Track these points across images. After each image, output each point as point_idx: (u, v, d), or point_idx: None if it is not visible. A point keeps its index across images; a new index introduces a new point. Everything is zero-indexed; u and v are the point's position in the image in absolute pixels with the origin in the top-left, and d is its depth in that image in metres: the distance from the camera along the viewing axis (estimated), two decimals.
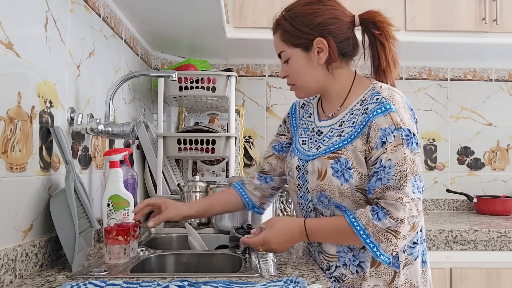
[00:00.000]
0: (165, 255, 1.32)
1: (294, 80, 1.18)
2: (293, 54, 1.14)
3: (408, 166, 1.01)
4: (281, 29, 1.15)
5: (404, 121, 1.03)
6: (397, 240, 1.00)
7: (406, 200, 1.00)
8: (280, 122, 1.37)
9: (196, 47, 2.26)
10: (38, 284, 0.93)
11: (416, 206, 1.01)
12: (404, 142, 1.02)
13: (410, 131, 1.03)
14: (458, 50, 2.28)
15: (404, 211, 0.99)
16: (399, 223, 0.99)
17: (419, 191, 1.02)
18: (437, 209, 2.49)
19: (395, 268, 1.08)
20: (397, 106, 1.04)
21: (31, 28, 1.05)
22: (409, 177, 1.00)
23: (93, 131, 1.30)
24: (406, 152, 1.01)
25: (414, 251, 1.10)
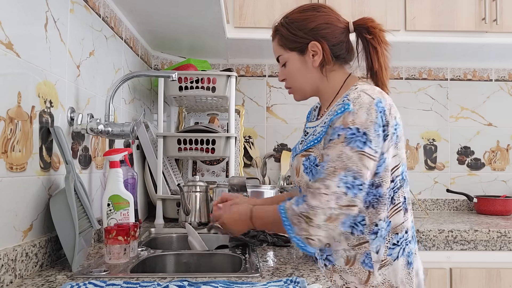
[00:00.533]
0: (165, 255, 1.32)
1: (291, 83, 1.25)
2: (290, 57, 1.21)
3: (340, 162, 1.03)
4: (279, 35, 1.23)
5: (356, 121, 1.05)
6: (308, 226, 1.02)
7: (324, 192, 1.02)
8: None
9: (196, 47, 2.26)
10: (38, 284, 0.93)
11: (336, 200, 1.02)
12: (345, 141, 1.04)
13: (358, 130, 1.04)
14: (458, 50, 2.28)
15: (319, 200, 1.02)
16: (311, 210, 1.02)
17: (347, 186, 1.02)
18: (437, 209, 2.49)
19: (369, 268, 1.09)
20: (357, 107, 1.06)
21: (31, 28, 1.05)
22: (338, 172, 1.03)
23: (93, 131, 1.30)
24: (344, 149, 1.04)
25: (394, 252, 1.11)
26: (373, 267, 1.09)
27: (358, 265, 1.10)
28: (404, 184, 1.14)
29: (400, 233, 1.11)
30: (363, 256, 1.09)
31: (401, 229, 1.12)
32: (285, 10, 2.04)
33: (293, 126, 2.47)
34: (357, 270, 1.10)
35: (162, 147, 1.90)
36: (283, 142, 2.47)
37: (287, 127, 2.47)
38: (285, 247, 1.37)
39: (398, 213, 1.12)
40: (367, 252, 1.09)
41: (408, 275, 1.13)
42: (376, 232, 1.09)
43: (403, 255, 1.12)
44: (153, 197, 2.00)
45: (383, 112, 1.08)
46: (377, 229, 1.09)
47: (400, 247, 1.12)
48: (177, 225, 1.81)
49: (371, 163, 1.05)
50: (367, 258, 1.10)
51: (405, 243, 1.13)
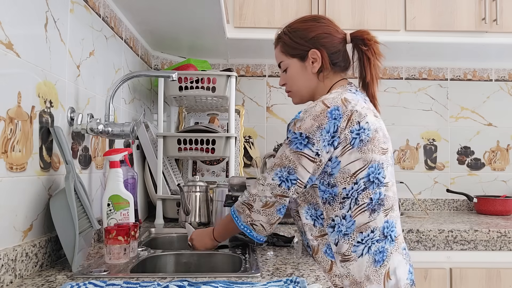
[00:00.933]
0: (165, 255, 1.32)
1: (290, 87, 1.36)
2: (291, 63, 1.32)
3: (279, 160, 1.19)
4: (281, 42, 1.33)
5: (302, 127, 1.18)
6: (251, 212, 1.20)
7: (261, 182, 1.20)
8: None
9: (196, 47, 2.26)
10: (38, 284, 0.93)
11: (271, 189, 1.18)
12: (288, 143, 1.20)
13: (301, 135, 1.17)
14: (458, 50, 2.28)
15: (257, 189, 1.20)
16: (251, 197, 1.20)
17: (280, 179, 1.18)
18: (437, 209, 2.49)
19: (331, 258, 1.20)
20: (307, 115, 1.18)
21: (31, 28, 1.05)
22: (275, 168, 1.19)
23: (93, 131, 1.30)
24: (285, 150, 1.19)
25: (358, 249, 1.18)
26: (335, 258, 1.20)
27: (321, 254, 1.21)
28: (370, 186, 1.18)
29: (364, 232, 1.18)
30: (325, 247, 1.21)
31: (366, 228, 1.18)
32: (285, 10, 2.06)
33: None
34: (321, 259, 1.21)
35: (162, 147, 1.90)
36: None
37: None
38: (285, 247, 1.38)
39: (362, 214, 1.18)
40: (327, 243, 1.20)
41: (375, 273, 1.17)
42: (333, 226, 1.20)
43: (369, 253, 1.18)
44: (153, 197, 2.00)
45: (338, 118, 1.16)
46: (334, 224, 1.20)
47: (365, 245, 1.18)
48: (177, 225, 1.81)
49: (309, 163, 1.17)
50: (328, 249, 1.21)
51: (371, 242, 1.19)
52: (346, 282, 1.17)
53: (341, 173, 1.17)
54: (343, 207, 1.18)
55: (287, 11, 2.07)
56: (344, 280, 1.18)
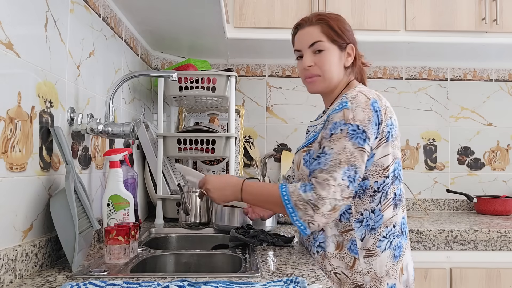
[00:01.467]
0: (165, 255, 1.32)
1: (321, 71, 1.27)
2: (330, 48, 1.26)
3: (344, 156, 1.12)
4: (325, 24, 1.27)
5: (356, 119, 1.14)
6: (314, 213, 1.11)
7: (332, 183, 1.11)
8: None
9: (196, 47, 2.26)
10: (38, 284, 0.93)
11: (341, 192, 1.11)
12: (348, 136, 1.14)
13: (359, 127, 1.14)
14: (458, 50, 2.28)
15: (328, 191, 1.10)
16: (320, 200, 1.10)
17: (349, 180, 1.12)
18: (437, 209, 2.49)
19: (354, 254, 1.18)
20: (355, 105, 1.16)
21: (31, 28, 1.05)
22: (343, 165, 1.12)
23: (93, 131, 1.30)
24: (347, 144, 1.13)
25: (382, 244, 1.19)
26: (358, 254, 1.18)
27: (345, 250, 1.19)
28: (395, 181, 1.22)
29: (388, 226, 1.20)
30: (349, 243, 1.19)
31: (390, 223, 1.20)
32: (285, 10, 2.06)
33: (293, 126, 2.47)
34: (344, 255, 1.19)
35: (162, 147, 1.90)
36: (283, 142, 2.47)
37: (287, 127, 2.47)
38: (285, 247, 1.37)
39: (388, 208, 1.20)
40: (352, 239, 1.19)
41: (393, 268, 1.19)
42: (361, 221, 1.19)
43: (390, 248, 1.20)
44: (153, 197, 2.00)
45: (379, 111, 1.17)
46: (362, 218, 1.19)
47: (388, 240, 1.20)
48: (177, 225, 1.81)
49: (365, 158, 1.15)
50: (353, 245, 1.19)
51: (392, 236, 1.21)
52: (367, 278, 1.17)
53: (374, 166, 1.18)
54: (373, 201, 1.19)
55: (287, 11, 2.07)
56: (365, 277, 1.17)
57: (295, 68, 2.47)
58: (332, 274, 1.20)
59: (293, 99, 2.47)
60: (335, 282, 1.19)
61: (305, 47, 1.28)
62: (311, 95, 1.39)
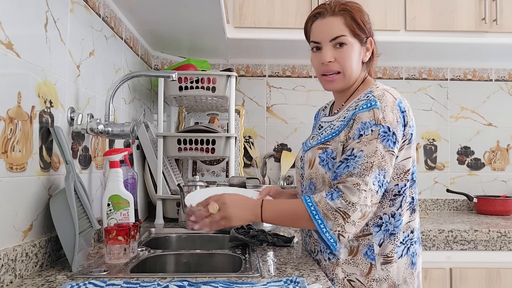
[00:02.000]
0: (165, 255, 1.32)
1: (343, 67, 1.17)
2: (352, 42, 1.17)
3: (376, 159, 1.05)
4: (349, 15, 1.16)
5: (386, 119, 1.07)
6: (345, 222, 1.02)
7: (363, 188, 1.03)
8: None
9: (196, 47, 2.26)
10: (38, 284, 0.93)
11: (371, 197, 1.03)
12: (379, 137, 1.06)
13: (389, 129, 1.07)
14: (458, 50, 2.28)
15: (358, 197, 1.02)
16: (351, 206, 1.02)
17: (379, 185, 1.05)
18: (437, 209, 2.49)
19: (371, 260, 1.11)
20: (384, 104, 1.08)
21: (31, 28, 1.05)
22: (374, 169, 1.04)
23: (93, 131, 1.30)
24: (379, 146, 1.06)
25: (399, 250, 1.12)
26: (375, 260, 1.11)
27: (361, 256, 1.12)
28: (413, 185, 1.16)
29: (405, 231, 1.14)
30: (366, 248, 1.12)
31: (407, 228, 1.14)
32: (285, 10, 2.06)
33: (293, 126, 2.47)
34: (359, 261, 1.12)
35: (162, 147, 1.90)
36: (283, 142, 2.47)
37: (287, 127, 2.47)
38: (285, 247, 1.37)
39: (407, 212, 1.15)
40: (370, 244, 1.11)
41: (411, 275, 1.14)
42: (380, 225, 1.12)
43: (407, 254, 1.14)
44: (153, 197, 2.00)
45: (405, 112, 1.11)
46: (381, 222, 1.12)
47: (405, 246, 1.14)
48: (177, 225, 1.81)
49: (393, 161, 1.09)
50: (370, 250, 1.11)
51: (410, 242, 1.15)
52: (384, 286, 1.11)
53: (396, 169, 1.11)
54: (393, 205, 1.12)
55: (287, 11, 2.07)
56: (382, 284, 1.11)
57: (295, 68, 2.47)
58: (345, 281, 1.12)
59: (293, 99, 2.47)
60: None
61: (326, 40, 1.16)
62: (311, 95, 1.39)
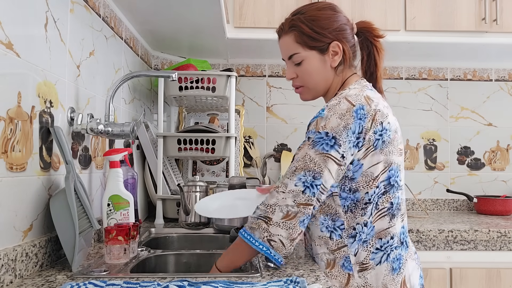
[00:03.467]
0: (165, 255, 1.32)
1: (304, 82, 1.20)
2: (308, 56, 1.17)
3: (302, 163, 1.06)
4: (297, 31, 1.17)
5: (327, 126, 1.06)
6: (268, 225, 1.03)
7: (282, 190, 1.05)
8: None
9: (196, 47, 2.26)
10: (38, 284, 0.93)
11: (294, 197, 1.04)
12: (312, 143, 1.07)
13: (327, 134, 1.06)
14: (458, 50, 2.28)
15: (276, 198, 1.05)
16: (269, 209, 1.04)
17: (305, 185, 1.04)
18: (437, 209, 2.49)
19: (348, 271, 1.11)
20: (331, 112, 1.07)
21: (31, 28, 1.05)
22: (298, 172, 1.05)
23: (93, 131, 1.30)
24: (309, 152, 1.06)
25: (376, 257, 1.11)
26: (352, 270, 1.11)
27: (338, 268, 1.12)
28: (391, 190, 1.12)
29: (384, 238, 1.12)
30: (342, 260, 1.11)
31: (385, 234, 1.12)
32: (285, 10, 2.06)
33: (293, 126, 2.47)
34: (337, 273, 1.12)
35: (162, 147, 1.90)
36: (283, 142, 2.47)
37: (287, 127, 2.47)
38: None
39: (382, 219, 1.12)
40: (346, 255, 1.11)
41: (392, 281, 1.12)
42: (354, 236, 1.11)
43: (387, 260, 1.12)
44: (153, 197, 2.00)
45: (362, 119, 1.07)
46: (355, 233, 1.11)
47: (384, 252, 1.12)
48: (177, 225, 1.81)
49: (334, 167, 1.06)
50: (346, 261, 1.11)
51: (390, 249, 1.12)
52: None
53: (363, 177, 1.09)
54: (365, 214, 1.10)
55: (287, 11, 2.03)
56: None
57: None
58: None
59: (293, 99, 2.47)
60: None
61: (286, 59, 1.22)
62: None
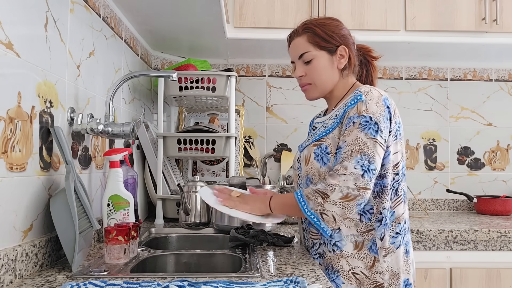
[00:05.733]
0: (165, 255, 1.32)
1: (312, 80, 1.31)
2: (318, 55, 1.29)
3: (356, 146, 1.13)
4: (310, 32, 1.29)
5: (369, 111, 1.16)
6: (324, 201, 1.11)
7: (342, 172, 1.12)
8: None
9: (196, 47, 2.26)
10: (38, 284, 0.93)
11: (354, 180, 1.10)
12: (360, 127, 1.15)
13: (371, 119, 1.15)
14: (458, 50, 2.28)
15: (337, 179, 1.11)
16: (329, 187, 1.11)
17: (363, 169, 1.11)
18: (437, 209, 2.49)
19: (374, 254, 1.19)
20: (368, 98, 1.17)
21: (31, 28, 1.05)
22: (354, 155, 1.12)
23: (93, 131, 1.30)
24: (359, 135, 1.14)
25: (396, 241, 1.21)
26: (378, 253, 1.19)
27: (366, 250, 1.20)
28: (403, 178, 1.26)
29: (401, 222, 1.23)
30: (370, 242, 1.20)
31: (401, 219, 1.23)
32: (285, 10, 2.06)
33: (293, 126, 2.47)
34: (364, 255, 1.20)
35: (162, 147, 1.90)
36: (283, 142, 2.47)
37: (287, 127, 2.47)
38: (285, 247, 1.37)
39: (400, 204, 1.23)
40: (373, 238, 1.20)
41: (406, 263, 1.23)
42: (381, 220, 1.20)
43: (403, 243, 1.23)
44: (153, 197, 2.00)
45: (390, 107, 1.20)
46: (381, 217, 1.20)
47: (401, 235, 1.22)
48: (177, 225, 1.81)
49: (381, 151, 1.15)
50: (373, 245, 1.20)
51: (404, 232, 1.24)
52: (386, 276, 1.19)
53: (389, 164, 1.20)
54: (390, 199, 1.21)
55: (287, 11, 2.07)
56: (384, 275, 1.19)
57: None
58: (350, 274, 1.20)
59: (293, 99, 2.47)
60: (353, 283, 1.19)
61: (296, 58, 1.32)
62: None
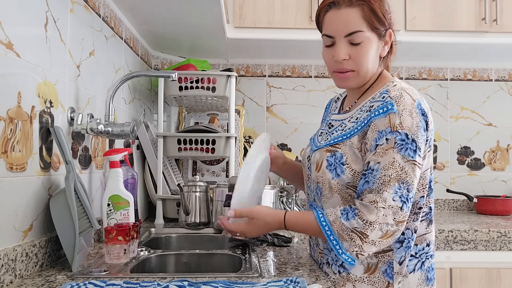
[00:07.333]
0: (165, 255, 1.32)
1: (358, 66, 1.06)
2: (370, 38, 1.04)
3: (394, 171, 0.96)
4: (367, 6, 1.02)
5: (404, 125, 0.97)
6: (363, 242, 0.96)
7: (382, 205, 0.95)
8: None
9: (196, 47, 2.26)
10: (38, 284, 0.93)
11: (393, 215, 0.95)
12: (396, 147, 0.96)
13: (407, 136, 0.97)
14: (458, 50, 2.28)
15: (376, 215, 0.95)
16: (368, 226, 0.95)
17: (402, 200, 0.96)
18: (437, 209, 2.49)
19: (389, 279, 1.04)
20: (401, 108, 0.98)
21: (31, 28, 1.05)
22: (393, 183, 0.96)
23: (93, 131, 1.30)
24: (396, 157, 0.96)
25: (410, 264, 1.05)
26: (394, 279, 1.04)
27: (379, 274, 1.04)
28: (431, 194, 1.08)
29: (420, 244, 1.06)
30: (385, 265, 1.04)
31: (422, 240, 1.06)
32: (285, 10, 2.06)
33: (293, 126, 2.47)
34: (376, 279, 1.04)
35: (162, 147, 1.90)
36: (283, 142, 2.47)
37: (287, 127, 2.47)
38: (285, 247, 1.37)
39: (421, 223, 1.06)
40: (390, 261, 1.04)
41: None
42: (402, 241, 1.03)
43: (422, 269, 1.06)
44: (153, 197, 2.00)
45: (425, 115, 1.01)
46: (403, 238, 1.03)
47: (419, 260, 1.06)
48: (177, 225, 1.81)
49: (419, 173, 0.99)
50: (389, 268, 1.04)
51: (425, 256, 1.07)
52: None
53: (420, 179, 1.03)
54: (417, 219, 1.04)
55: (287, 11, 2.07)
56: None
57: (295, 68, 2.47)
58: None
59: (293, 99, 2.47)
60: None
61: (341, 35, 1.04)
62: (311, 95, 1.38)
